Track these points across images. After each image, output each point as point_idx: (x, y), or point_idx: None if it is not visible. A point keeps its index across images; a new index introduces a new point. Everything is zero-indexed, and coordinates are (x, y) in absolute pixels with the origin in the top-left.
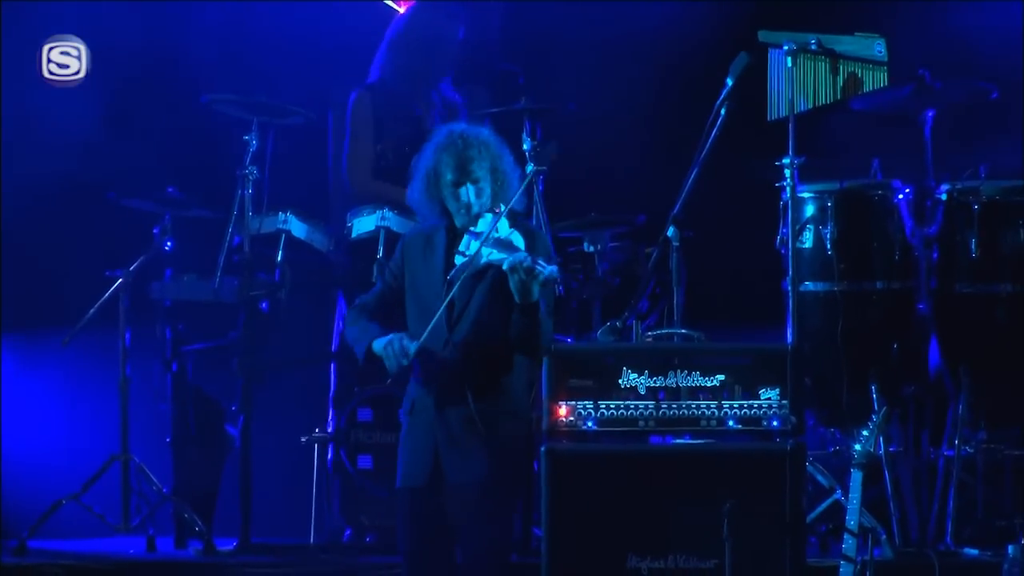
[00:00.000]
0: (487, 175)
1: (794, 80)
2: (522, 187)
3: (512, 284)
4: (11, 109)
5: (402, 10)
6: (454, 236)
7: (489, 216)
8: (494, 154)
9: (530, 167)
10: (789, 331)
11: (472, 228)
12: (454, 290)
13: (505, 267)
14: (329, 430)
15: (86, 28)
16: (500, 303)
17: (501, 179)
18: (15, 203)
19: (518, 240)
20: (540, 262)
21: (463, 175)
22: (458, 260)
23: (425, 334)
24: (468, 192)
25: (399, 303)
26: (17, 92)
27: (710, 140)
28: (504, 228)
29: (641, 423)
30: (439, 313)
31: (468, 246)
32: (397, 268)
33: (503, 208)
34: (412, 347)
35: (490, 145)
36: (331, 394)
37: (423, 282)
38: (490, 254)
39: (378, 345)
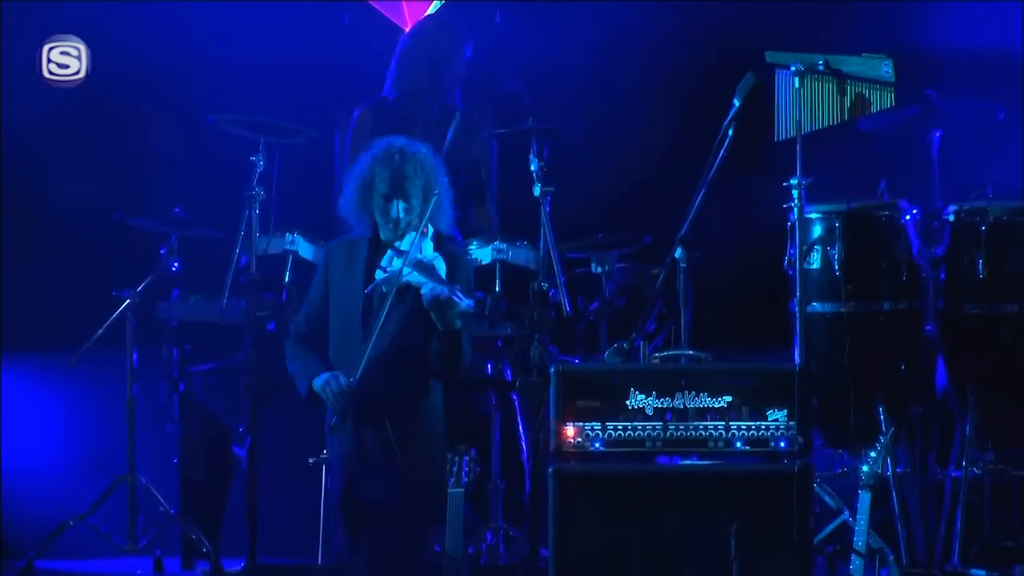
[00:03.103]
0: (419, 193)
1: (801, 101)
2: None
3: (432, 312)
4: (11, 112)
5: (407, 29)
6: (376, 249)
7: (413, 235)
8: (429, 174)
9: (537, 188)
10: (796, 352)
11: (397, 244)
12: (383, 313)
13: (424, 294)
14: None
15: (94, 50)
16: (419, 324)
17: (433, 199)
18: (23, 222)
19: (440, 265)
20: (458, 293)
21: (396, 190)
22: (378, 275)
23: (360, 370)
24: (398, 207)
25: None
26: (17, 92)
27: (717, 161)
28: (428, 249)
29: (648, 444)
30: (370, 344)
31: (391, 262)
32: (321, 279)
33: (429, 229)
34: (349, 384)
35: (426, 165)
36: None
37: (343, 294)
38: (410, 274)
39: (317, 384)
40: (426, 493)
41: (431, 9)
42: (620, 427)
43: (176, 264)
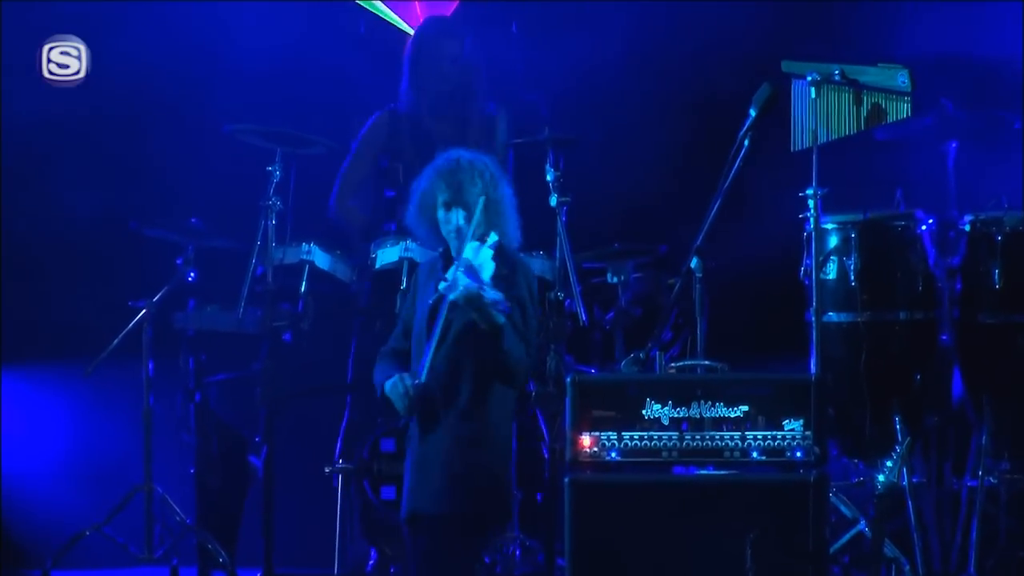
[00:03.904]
0: (479, 200)
1: (817, 111)
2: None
3: (471, 312)
4: (12, 110)
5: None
6: (448, 263)
7: (474, 244)
8: (488, 181)
9: (553, 198)
10: (812, 362)
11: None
12: (440, 319)
13: (455, 298)
14: (338, 462)
15: (94, 50)
16: (476, 331)
17: (494, 207)
18: (39, 232)
19: (488, 268)
20: (486, 289)
21: (453, 197)
22: (440, 286)
23: (424, 370)
24: (457, 215)
25: None
26: (17, 92)
27: (733, 170)
28: (484, 256)
29: (664, 454)
30: (431, 346)
31: (451, 272)
32: (409, 298)
33: (492, 237)
34: (414, 385)
35: (484, 172)
36: (343, 425)
37: (419, 310)
38: (460, 281)
39: (387, 387)
40: (486, 500)
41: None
42: (636, 437)
43: (192, 274)
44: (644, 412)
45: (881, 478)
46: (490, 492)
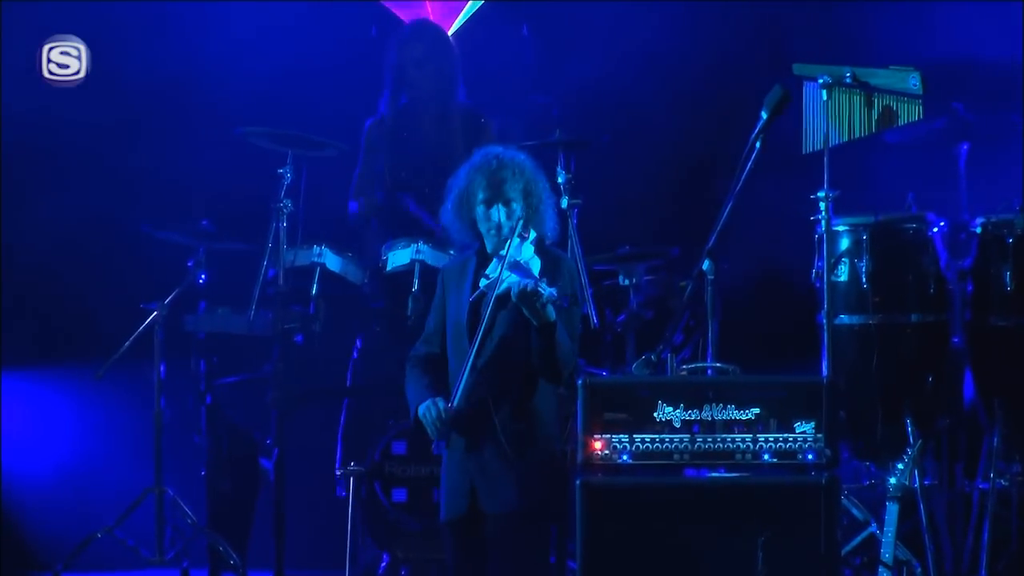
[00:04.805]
0: (519, 197)
1: (828, 113)
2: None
3: (523, 307)
4: (12, 109)
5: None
6: (484, 260)
7: (515, 241)
8: (528, 178)
9: (564, 200)
10: (824, 364)
11: (500, 252)
12: (485, 316)
13: (512, 294)
14: (349, 464)
15: (94, 50)
16: (523, 328)
17: (535, 204)
18: (51, 235)
19: (535, 264)
20: (543, 285)
21: (494, 195)
22: (482, 283)
23: (457, 395)
24: (498, 212)
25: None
26: (17, 92)
27: (744, 173)
28: (527, 252)
29: (676, 456)
30: (467, 363)
31: (495, 270)
32: (439, 302)
33: (532, 234)
34: (447, 410)
35: (525, 169)
36: (340, 429)
37: (455, 310)
38: (509, 278)
39: (420, 411)
40: (542, 498)
41: (463, 13)
42: (648, 439)
43: (203, 276)
44: (656, 414)
45: (892, 480)
46: (551, 484)
